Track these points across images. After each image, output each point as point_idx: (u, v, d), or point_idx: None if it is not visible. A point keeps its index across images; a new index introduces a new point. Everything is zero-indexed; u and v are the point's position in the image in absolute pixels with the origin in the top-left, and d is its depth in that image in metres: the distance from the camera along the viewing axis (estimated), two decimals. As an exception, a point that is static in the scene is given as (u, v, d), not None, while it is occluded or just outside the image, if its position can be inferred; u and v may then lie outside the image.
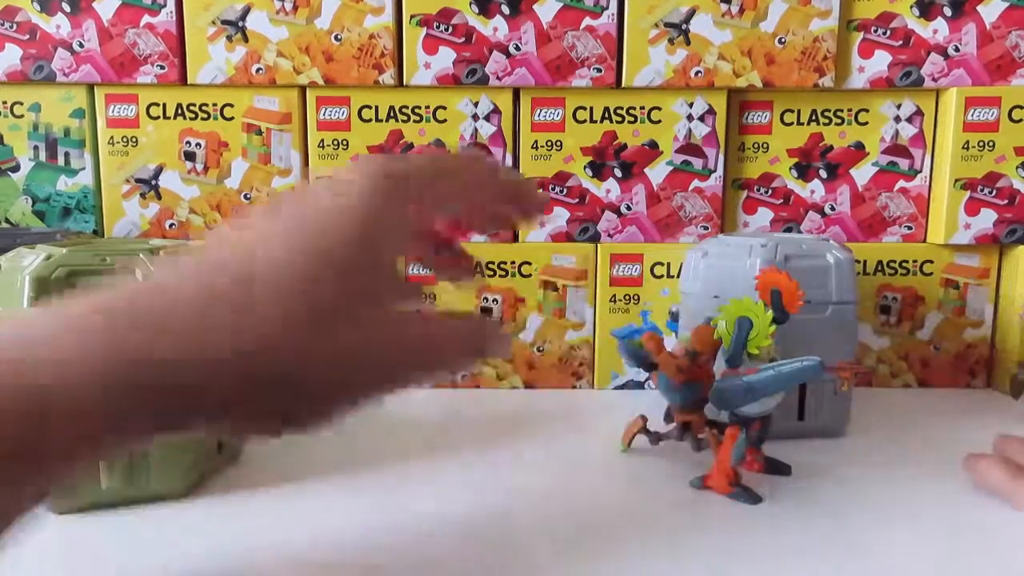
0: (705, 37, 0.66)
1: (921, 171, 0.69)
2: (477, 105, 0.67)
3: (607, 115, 0.68)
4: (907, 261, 0.70)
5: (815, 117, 0.69)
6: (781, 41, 0.66)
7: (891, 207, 0.70)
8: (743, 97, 0.69)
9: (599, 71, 0.66)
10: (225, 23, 0.66)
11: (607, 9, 0.65)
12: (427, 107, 0.67)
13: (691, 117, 0.68)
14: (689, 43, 0.66)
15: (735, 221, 0.71)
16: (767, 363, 0.46)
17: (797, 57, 0.66)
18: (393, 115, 0.67)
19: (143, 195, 0.69)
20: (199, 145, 0.68)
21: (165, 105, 0.67)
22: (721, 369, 0.48)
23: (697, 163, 0.69)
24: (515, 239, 0.70)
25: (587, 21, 0.65)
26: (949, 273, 0.70)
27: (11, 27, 0.65)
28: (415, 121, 0.68)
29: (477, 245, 0.69)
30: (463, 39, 0.66)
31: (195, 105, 0.67)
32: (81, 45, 0.66)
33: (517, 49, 0.66)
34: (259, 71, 0.66)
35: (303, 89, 0.67)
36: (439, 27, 0.66)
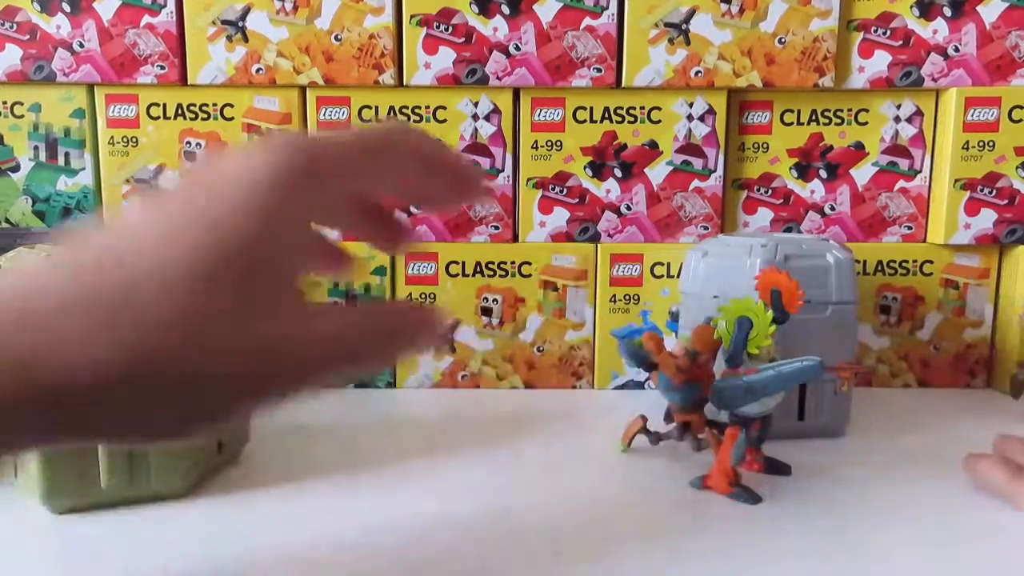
0: (705, 37, 0.66)
1: (921, 171, 0.69)
2: (477, 105, 0.67)
3: (607, 115, 0.68)
4: (907, 261, 0.70)
5: (815, 117, 0.69)
6: (781, 41, 0.66)
7: (891, 207, 0.70)
8: (743, 97, 0.69)
9: (599, 71, 0.66)
10: (225, 23, 0.66)
11: (607, 9, 0.65)
12: (427, 107, 0.68)
13: (691, 117, 0.68)
14: (689, 43, 0.66)
15: (735, 221, 0.71)
16: (767, 363, 0.46)
17: (797, 57, 0.66)
18: (393, 115, 0.67)
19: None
20: (199, 145, 0.68)
21: (165, 105, 0.67)
22: (721, 369, 0.48)
23: (697, 163, 0.69)
24: (515, 239, 0.70)
25: (587, 21, 0.65)
26: (949, 273, 0.70)
27: (11, 27, 0.65)
28: (415, 121, 0.68)
29: (477, 245, 0.69)
30: (463, 39, 0.66)
31: (195, 105, 0.67)
32: (81, 45, 0.66)
33: (517, 49, 0.66)
34: (259, 71, 0.66)
35: (303, 89, 0.67)
36: (439, 27, 0.66)
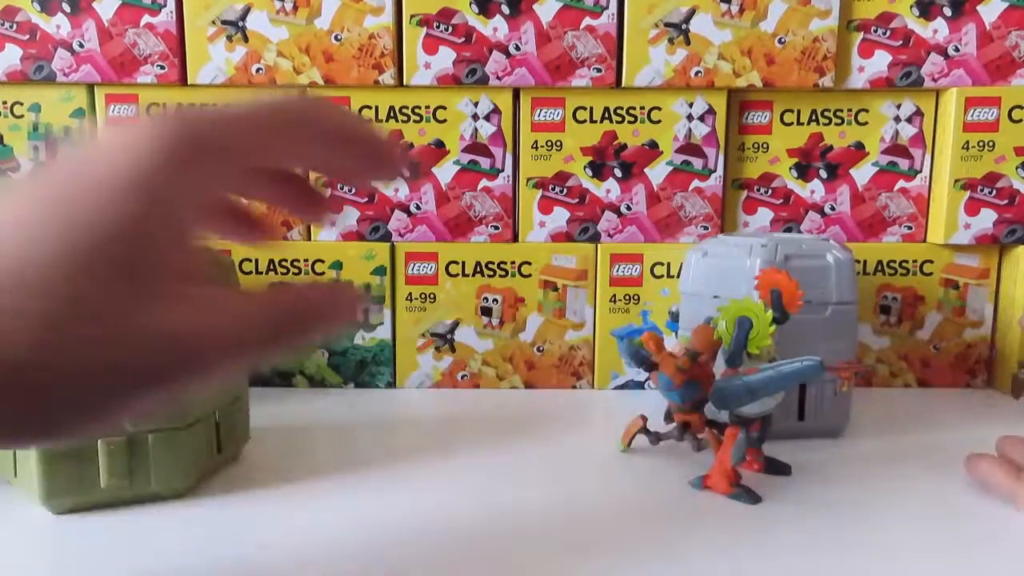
0: (705, 37, 0.66)
1: (921, 171, 0.69)
2: (477, 105, 0.67)
3: (607, 115, 0.68)
4: (907, 261, 0.70)
5: (815, 117, 0.69)
6: (781, 41, 0.66)
7: (891, 207, 0.70)
8: (743, 97, 0.69)
9: (599, 71, 0.66)
10: (225, 23, 0.66)
11: (607, 9, 0.65)
12: (427, 107, 0.68)
13: (691, 117, 0.68)
14: (689, 43, 0.66)
15: (735, 221, 0.71)
16: (767, 363, 0.46)
17: (797, 57, 0.66)
18: (393, 115, 0.67)
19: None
20: (199, 145, 0.68)
21: (165, 105, 0.67)
22: (721, 369, 0.48)
23: (697, 163, 0.69)
24: (515, 239, 0.70)
25: (587, 21, 0.65)
26: (949, 273, 0.70)
27: (11, 27, 0.65)
28: (415, 121, 0.68)
29: (477, 245, 0.69)
30: (463, 39, 0.66)
31: (195, 105, 0.67)
32: (81, 45, 0.66)
33: (517, 49, 0.66)
34: (259, 71, 0.66)
35: (303, 89, 0.67)
36: (439, 27, 0.66)
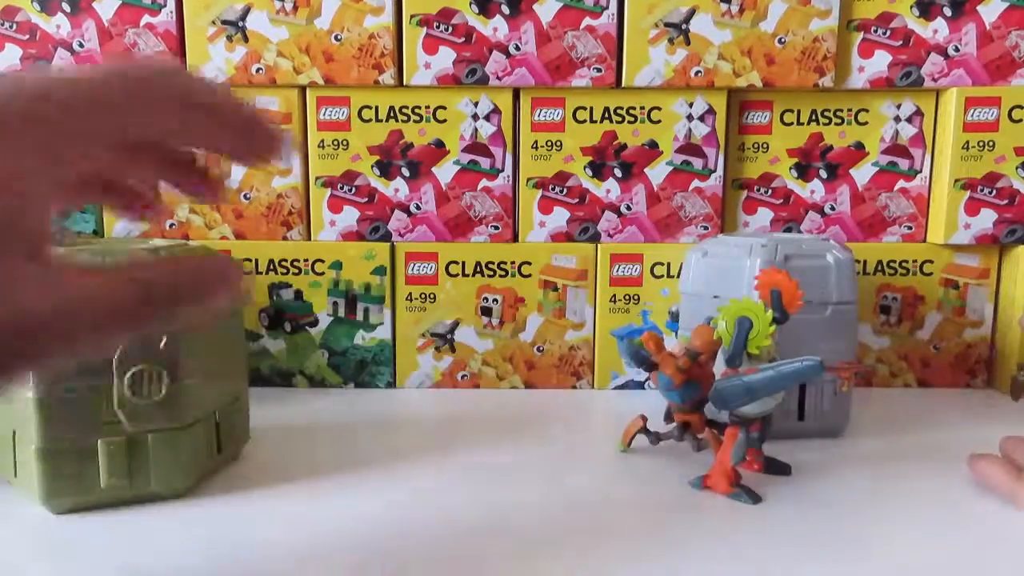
0: (705, 37, 0.66)
1: (921, 171, 0.69)
2: (477, 105, 0.67)
3: (607, 115, 0.68)
4: (907, 261, 0.70)
5: (815, 117, 0.69)
6: (781, 41, 0.66)
7: (891, 207, 0.70)
8: (743, 97, 0.69)
9: (599, 71, 0.66)
10: (225, 23, 0.66)
11: (607, 9, 0.65)
12: (427, 107, 0.67)
13: (691, 117, 0.68)
14: (689, 43, 0.66)
15: (735, 221, 0.71)
16: (767, 363, 0.46)
17: (797, 57, 0.66)
18: (393, 115, 0.67)
19: (143, 195, 0.68)
20: (199, 145, 0.68)
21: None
22: (721, 369, 0.48)
23: (697, 163, 0.69)
24: (515, 239, 0.70)
25: (587, 21, 0.65)
26: (949, 273, 0.70)
27: (11, 27, 0.65)
28: (415, 121, 0.68)
29: (477, 245, 0.69)
30: (463, 39, 0.66)
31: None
32: (81, 45, 0.66)
33: (517, 49, 0.66)
34: (259, 71, 0.66)
35: (303, 89, 0.67)
36: (439, 27, 0.66)
